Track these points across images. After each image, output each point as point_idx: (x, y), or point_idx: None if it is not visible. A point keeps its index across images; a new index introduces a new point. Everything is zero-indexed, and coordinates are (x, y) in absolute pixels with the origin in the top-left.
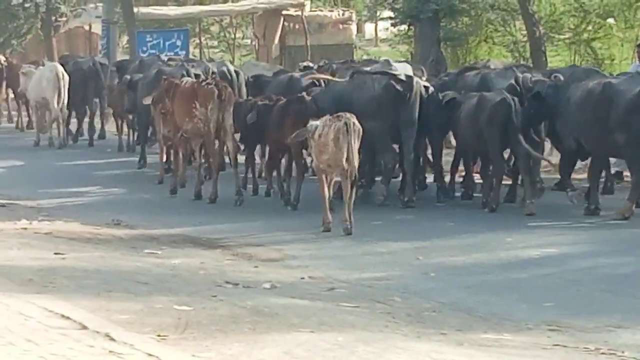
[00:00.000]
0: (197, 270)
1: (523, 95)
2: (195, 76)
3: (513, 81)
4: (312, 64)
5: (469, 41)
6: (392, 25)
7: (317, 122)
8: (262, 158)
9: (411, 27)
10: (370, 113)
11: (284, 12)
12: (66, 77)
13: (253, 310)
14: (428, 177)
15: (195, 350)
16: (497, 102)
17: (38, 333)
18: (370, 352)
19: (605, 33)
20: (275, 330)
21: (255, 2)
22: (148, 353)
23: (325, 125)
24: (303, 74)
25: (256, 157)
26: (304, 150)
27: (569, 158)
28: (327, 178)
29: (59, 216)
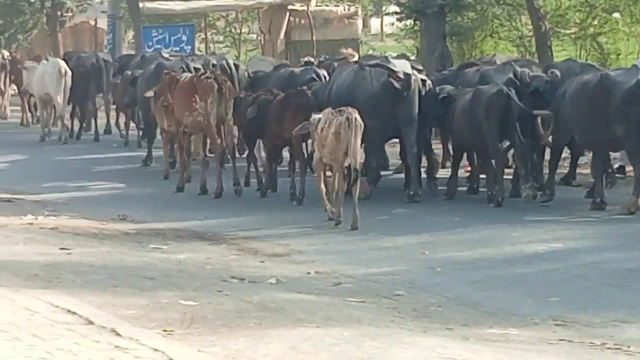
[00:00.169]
0: (203, 265)
1: (521, 90)
2: (195, 70)
3: (511, 75)
4: (313, 59)
5: (475, 36)
6: (398, 20)
7: (319, 115)
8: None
9: (417, 22)
10: (368, 110)
11: (289, 7)
12: (69, 73)
13: (259, 305)
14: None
15: (201, 346)
16: (494, 94)
17: (44, 328)
18: (376, 347)
19: (611, 28)
20: (281, 325)
21: None
22: (154, 348)
23: (327, 119)
24: (303, 69)
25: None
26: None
27: (559, 153)
28: (325, 174)
29: (64, 211)
